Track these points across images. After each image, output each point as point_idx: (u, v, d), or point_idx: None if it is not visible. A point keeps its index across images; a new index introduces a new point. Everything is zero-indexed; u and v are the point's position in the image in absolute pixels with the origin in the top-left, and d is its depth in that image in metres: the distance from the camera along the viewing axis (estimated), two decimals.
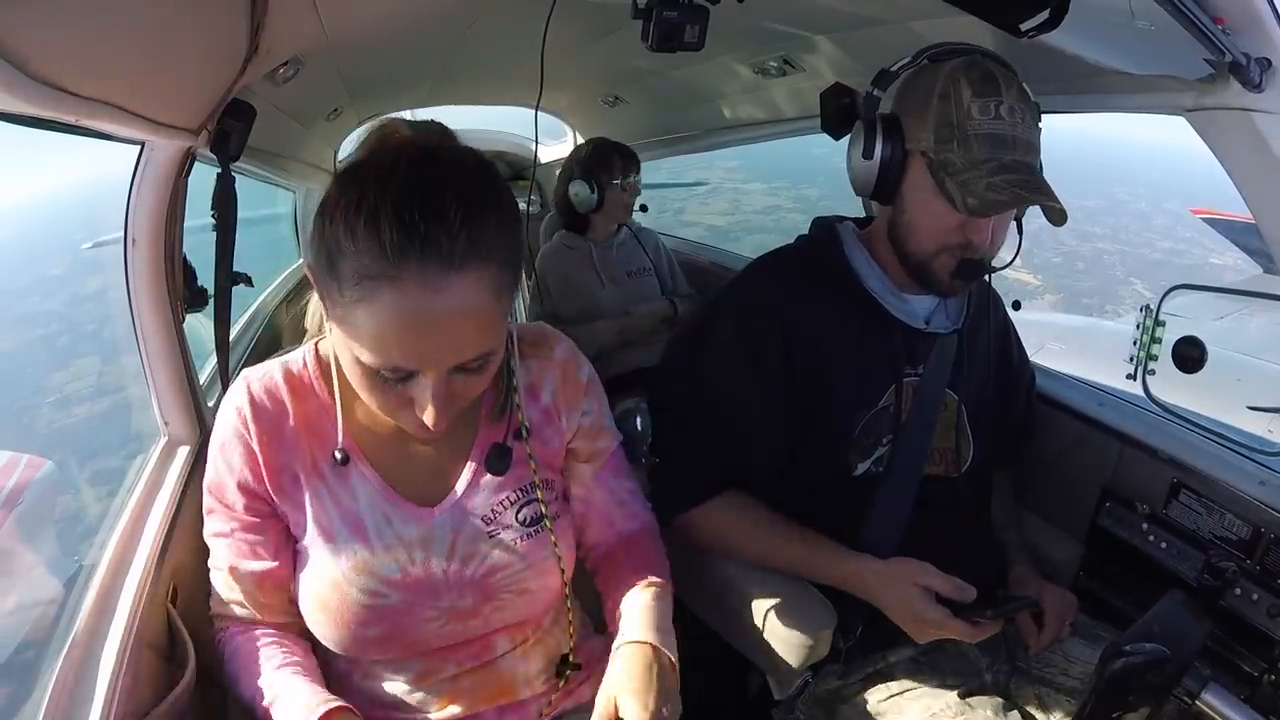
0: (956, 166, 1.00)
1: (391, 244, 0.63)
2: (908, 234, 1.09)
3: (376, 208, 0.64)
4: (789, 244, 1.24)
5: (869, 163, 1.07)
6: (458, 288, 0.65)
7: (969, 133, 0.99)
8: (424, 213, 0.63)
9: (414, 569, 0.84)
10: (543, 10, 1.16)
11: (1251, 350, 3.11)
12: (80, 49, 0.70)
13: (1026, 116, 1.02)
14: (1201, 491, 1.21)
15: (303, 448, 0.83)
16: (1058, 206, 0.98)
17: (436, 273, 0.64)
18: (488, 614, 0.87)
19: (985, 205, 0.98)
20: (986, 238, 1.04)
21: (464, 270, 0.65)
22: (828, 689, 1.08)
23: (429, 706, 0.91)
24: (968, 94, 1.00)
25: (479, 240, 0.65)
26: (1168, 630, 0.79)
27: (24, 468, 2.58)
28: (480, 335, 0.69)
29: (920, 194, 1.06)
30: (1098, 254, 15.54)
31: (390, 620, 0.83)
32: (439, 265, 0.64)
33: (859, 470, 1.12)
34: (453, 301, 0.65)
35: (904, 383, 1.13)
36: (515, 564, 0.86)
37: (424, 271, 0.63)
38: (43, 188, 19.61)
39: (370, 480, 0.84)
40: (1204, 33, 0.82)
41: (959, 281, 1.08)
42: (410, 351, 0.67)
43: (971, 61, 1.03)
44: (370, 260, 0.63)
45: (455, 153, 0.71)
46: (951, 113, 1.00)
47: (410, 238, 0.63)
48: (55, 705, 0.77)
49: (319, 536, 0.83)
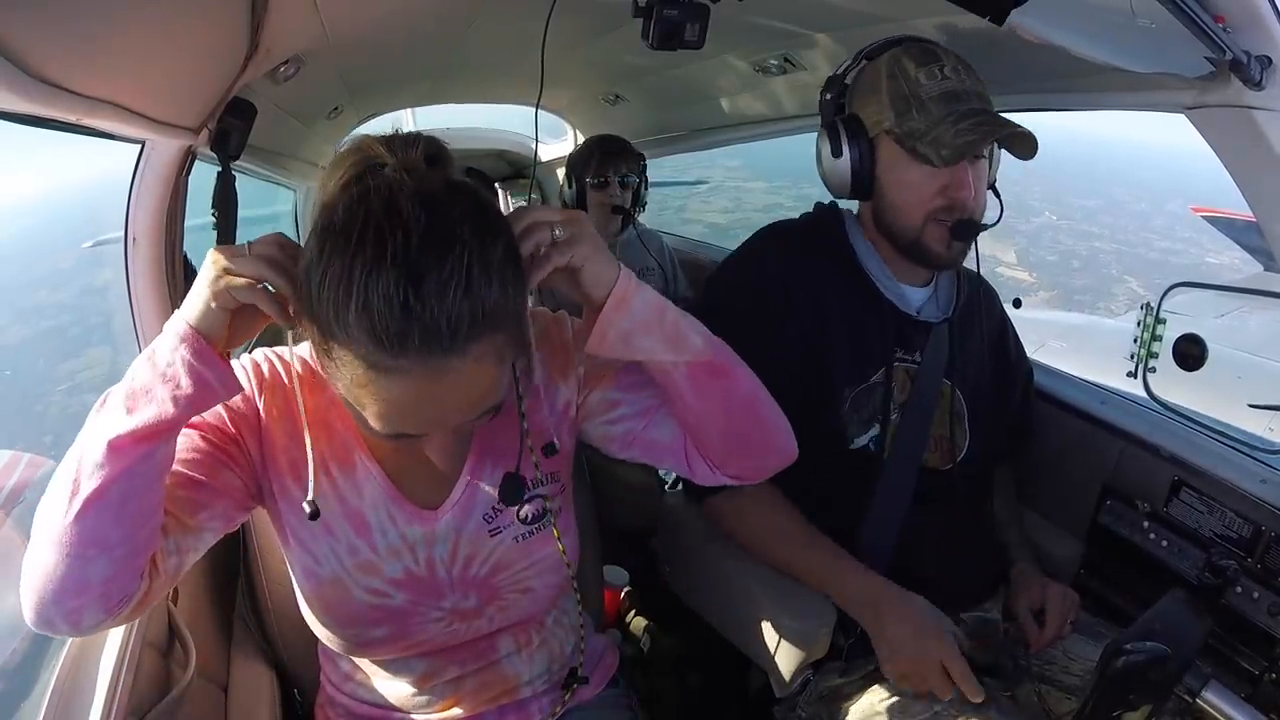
0: (921, 130, 1.05)
1: (388, 335, 0.58)
2: (894, 215, 1.11)
3: (367, 291, 0.57)
4: (793, 219, 1.26)
5: (840, 161, 1.12)
6: (462, 369, 0.61)
7: (924, 97, 1.05)
8: (419, 295, 0.57)
9: (417, 569, 0.83)
10: (543, 8, 1.15)
11: (1252, 348, 3.11)
12: (81, 48, 0.70)
13: (970, 72, 1.07)
14: (1202, 490, 1.21)
15: (311, 438, 0.78)
16: (1023, 132, 1.02)
17: (439, 360, 0.60)
18: (492, 614, 0.87)
19: (959, 150, 1.02)
20: (969, 191, 1.07)
21: (467, 351, 0.60)
22: (829, 687, 1.08)
23: (431, 707, 0.91)
24: (912, 67, 1.06)
25: (481, 313, 0.60)
26: (1169, 628, 0.79)
27: (24, 467, 2.57)
28: (485, 399, 0.66)
29: (895, 171, 1.09)
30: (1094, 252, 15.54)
31: (395, 621, 0.83)
32: (441, 353, 0.59)
33: (855, 444, 1.13)
34: (458, 381, 0.62)
35: (895, 366, 1.14)
36: (518, 562, 0.86)
37: (425, 360, 0.59)
38: (51, 183, 19.63)
39: (376, 478, 0.82)
40: (1205, 30, 0.82)
41: (957, 245, 1.10)
42: (416, 424, 0.66)
43: (905, 43, 1.10)
44: (367, 351, 0.59)
45: (449, 199, 0.62)
46: (903, 86, 1.06)
47: (409, 325, 0.58)
48: (55, 704, 0.77)
49: (321, 531, 0.81)
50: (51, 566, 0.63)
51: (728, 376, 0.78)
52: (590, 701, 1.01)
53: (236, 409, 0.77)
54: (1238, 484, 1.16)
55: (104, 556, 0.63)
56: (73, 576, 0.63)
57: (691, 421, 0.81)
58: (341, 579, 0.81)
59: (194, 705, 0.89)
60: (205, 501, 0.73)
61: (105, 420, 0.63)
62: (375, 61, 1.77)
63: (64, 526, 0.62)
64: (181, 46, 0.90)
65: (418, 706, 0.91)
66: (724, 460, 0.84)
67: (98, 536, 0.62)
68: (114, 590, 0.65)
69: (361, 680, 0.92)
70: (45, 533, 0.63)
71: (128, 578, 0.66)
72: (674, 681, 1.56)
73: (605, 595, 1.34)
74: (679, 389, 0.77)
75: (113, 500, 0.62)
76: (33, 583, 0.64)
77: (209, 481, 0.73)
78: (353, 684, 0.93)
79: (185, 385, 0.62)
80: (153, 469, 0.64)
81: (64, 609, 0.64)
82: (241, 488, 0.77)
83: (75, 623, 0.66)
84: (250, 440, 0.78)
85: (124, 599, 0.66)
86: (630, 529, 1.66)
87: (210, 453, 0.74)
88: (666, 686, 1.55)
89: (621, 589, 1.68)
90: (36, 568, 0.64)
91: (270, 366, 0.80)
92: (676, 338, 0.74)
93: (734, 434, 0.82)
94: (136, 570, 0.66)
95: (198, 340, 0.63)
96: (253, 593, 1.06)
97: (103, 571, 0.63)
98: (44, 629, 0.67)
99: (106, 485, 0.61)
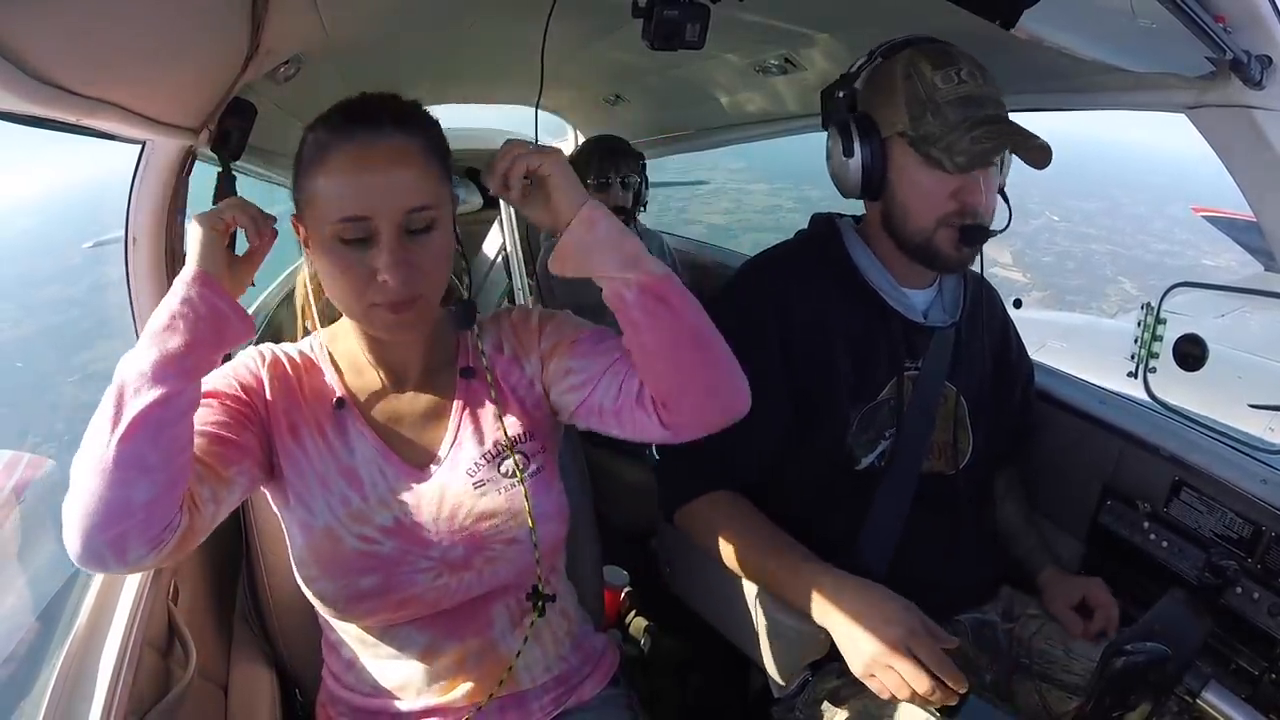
0: (936, 134, 1.04)
1: (337, 123, 0.81)
2: (904, 218, 1.10)
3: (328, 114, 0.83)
4: (786, 240, 1.25)
5: (851, 161, 1.10)
6: (389, 144, 0.80)
7: (940, 101, 1.04)
8: (361, 104, 0.83)
9: (406, 519, 0.88)
10: (543, 9, 1.16)
11: (1253, 348, 3.11)
12: (81, 48, 0.70)
13: (986, 76, 1.07)
14: (1203, 490, 1.21)
15: (306, 405, 0.90)
16: (1040, 143, 1.02)
17: (371, 134, 0.80)
18: (480, 566, 0.89)
19: (974, 157, 1.02)
20: (981, 198, 1.06)
21: (393, 136, 0.81)
22: (827, 688, 1.08)
23: (432, 690, 0.92)
24: (929, 69, 1.05)
25: (404, 123, 0.82)
26: (1169, 629, 0.79)
27: (25, 467, 2.57)
28: (415, 184, 0.81)
29: (907, 174, 1.08)
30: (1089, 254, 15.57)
31: (384, 569, 0.86)
32: (372, 130, 0.80)
33: (862, 464, 1.12)
34: (386, 151, 0.80)
35: (904, 376, 1.14)
36: (500, 513, 0.90)
37: (362, 134, 0.80)
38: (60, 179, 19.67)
39: (367, 438, 0.89)
40: (1205, 30, 0.82)
41: (966, 250, 1.09)
42: (360, 194, 0.79)
43: (921, 44, 1.09)
44: (323, 136, 0.81)
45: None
46: (919, 89, 1.05)
47: (349, 116, 0.81)
48: (56, 704, 0.78)
49: (316, 485, 0.87)
50: (96, 494, 0.68)
51: (676, 304, 0.82)
52: (590, 701, 1.01)
53: (247, 383, 0.87)
54: (1238, 484, 1.16)
55: (144, 480, 0.69)
56: (117, 500, 0.68)
57: (638, 349, 0.83)
58: (333, 528, 0.86)
59: (194, 705, 0.89)
60: (234, 458, 0.82)
61: (137, 358, 0.71)
62: (375, 61, 1.77)
63: (106, 455, 0.68)
64: (182, 47, 0.90)
65: (420, 690, 0.92)
66: (675, 401, 0.84)
67: (138, 459, 0.69)
68: (156, 517, 0.70)
69: (363, 667, 0.93)
70: (87, 465, 0.69)
71: (168, 504, 0.71)
72: (674, 682, 1.56)
73: (605, 595, 1.34)
74: (629, 310, 0.81)
75: (151, 426, 0.69)
76: (76, 516, 0.69)
77: (237, 440, 0.83)
78: (354, 672, 0.94)
79: (204, 313, 0.73)
80: (183, 401, 0.72)
81: (110, 536, 0.69)
82: (259, 448, 0.86)
83: (121, 552, 0.70)
84: (260, 406, 0.88)
85: (166, 527, 0.72)
86: (630, 529, 1.66)
87: (232, 417, 0.84)
88: (667, 687, 1.55)
89: (621, 589, 1.68)
90: (80, 500, 0.69)
91: (273, 354, 0.91)
92: (632, 260, 0.81)
93: (684, 365, 0.83)
94: (175, 499, 0.72)
95: (206, 277, 0.75)
96: (254, 591, 1.06)
97: (144, 494, 0.69)
98: (91, 564, 0.71)
99: (145, 413, 0.69)
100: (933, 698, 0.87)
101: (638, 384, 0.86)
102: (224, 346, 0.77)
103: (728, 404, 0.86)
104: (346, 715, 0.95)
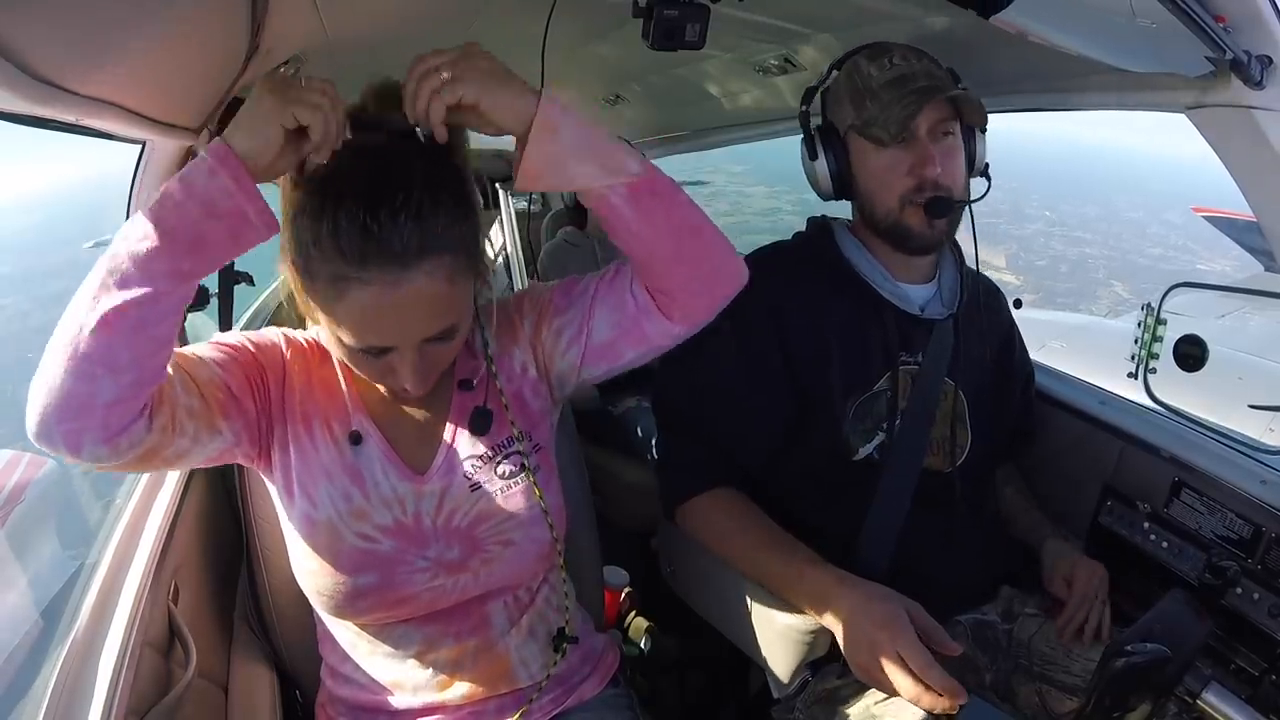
0: (876, 116, 1.09)
1: (351, 250, 0.71)
2: (872, 205, 1.14)
3: (336, 216, 0.71)
4: (784, 240, 1.26)
5: (818, 164, 1.16)
6: (415, 281, 0.73)
7: (875, 87, 1.10)
8: (375, 216, 0.70)
9: (405, 519, 0.88)
10: (543, 9, 1.16)
11: (1253, 349, 3.11)
12: (81, 48, 0.70)
13: (922, 57, 1.11)
14: (1203, 490, 1.21)
15: (320, 397, 0.89)
16: (962, 93, 1.07)
17: (396, 271, 0.72)
18: (476, 567, 0.89)
19: (902, 121, 1.06)
20: (935, 168, 1.08)
21: (419, 265, 0.73)
22: (827, 688, 1.08)
23: (431, 688, 0.92)
24: (865, 63, 1.12)
25: (429, 236, 0.73)
26: (1169, 629, 0.79)
27: (25, 467, 2.57)
28: (441, 314, 0.77)
29: (864, 162, 1.13)
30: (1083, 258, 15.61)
31: (381, 568, 0.86)
32: (397, 265, 0.72)
33: (860, 455, 1.13)
34: (413, 290, 0.73)
35: (900, 369, 1.14)
36: (498, 515, 0.90)
37: (383, 271, 0.72)
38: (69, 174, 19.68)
39: (374, 438, 0.89)
40: (1205, 30, 0.82)
41: (936, 223, 1.11)
42: (382, 333, 0.76)
43: (862, 46, 1.16)
44: (337, 265, 0.72)
45: (405, 152, 0.75)
46: (858, 82, 1.12)
47: (367, 242, 0.71)
48: (56, 704, 0.77)
49: (322, 477, 0.87)
50: (59, 383, 0.64)
51: (667, 197, 0.78)
52: (590, 701, 1.01)
53: (269, 356, 0.86)
54: (1238, 485, 1.16)
55: (109, 378, 0.64)
56: (78, 395, 0.64)
57: (640, 251, 0.80)
58: (334, 524, 0.86)
59: (194, 705, 0.89)
60: (233, 414, 0.80)
61: (134, 233, 0.63)
62: (375, 61, 1.77)
63: (77, 341, 0.63)
64: (182, 47, 0.90)
65: (418, 687, 0.92)
66: (677, 293, 0.82)
67: (108, 356, 0.63)
68: (115, 418, 0.66)
69: (361, 666, 0.93)
70: (58, 345, 0.64)
71: (130, 407, 0.66)
72: (674, 682, 1.56)
73: (605, 595, 1.34)
74: (621, 216, 0.76)
75: (130, 322, 0.63)
76: (38, 397, 0.65)
77: (240, 399, 0.81)
78: (353, 671, 0.94)
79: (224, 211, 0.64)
80: (172, 301, 0.65)
81: (65, 429, 0.65)
82: (254, 422, 0.84)
83: (75, 447, 0.66)
84: (274, 386, 0.86)
85: (123, 430, 0.67)
86: (630, 529, 1.66)
87: (246, 381, 0.83)
88: (667, 687, 1.55)
89: (622, 589, 1.68)
90: (44, 382, 0.64)
91: (297, 342, 0.90)
92: (611, 161, 0.74)
93: (684, 257, 0.80)
94: (139, 402, 0.67)
95: (239, 167, 0.64)
96: (254, 591, 1.06)
97: (107, 394, 0.64)
98: (43, 443, 0.67)
99: (123, 309, 0.62)
100: (920, 704, 0.86)
101: (630, 297, 0.83)
102: (237, 251, 0.68)
103: (728, 287, 0.85)
104: (346, 715, 0.95)
